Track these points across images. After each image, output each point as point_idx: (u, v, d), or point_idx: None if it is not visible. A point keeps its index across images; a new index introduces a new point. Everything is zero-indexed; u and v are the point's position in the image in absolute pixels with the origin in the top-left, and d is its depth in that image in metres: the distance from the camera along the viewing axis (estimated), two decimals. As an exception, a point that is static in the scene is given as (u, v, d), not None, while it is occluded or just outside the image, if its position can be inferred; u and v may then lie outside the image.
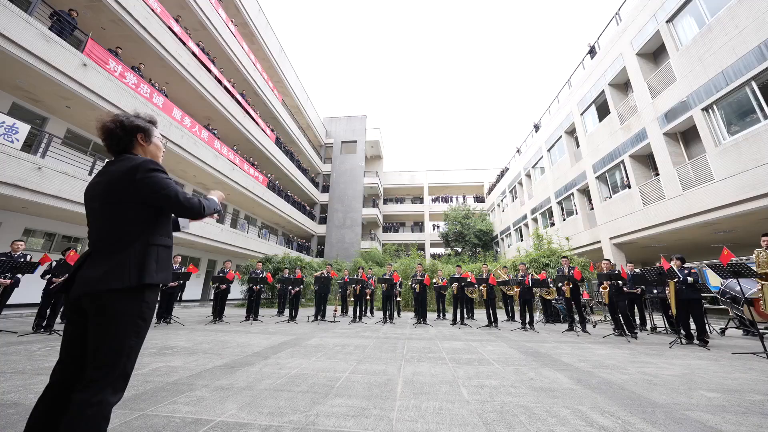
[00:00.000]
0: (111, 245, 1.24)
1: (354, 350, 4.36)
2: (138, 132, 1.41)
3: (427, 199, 32.74)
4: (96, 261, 1.23)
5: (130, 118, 1.41)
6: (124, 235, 1.26)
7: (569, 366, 3.51)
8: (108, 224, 1.26)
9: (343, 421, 1.97)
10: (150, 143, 1.46)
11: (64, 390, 1.16)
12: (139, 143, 1.42)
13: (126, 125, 1.38)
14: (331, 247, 27.05)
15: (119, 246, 1.24)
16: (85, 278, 1.19)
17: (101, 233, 1.27)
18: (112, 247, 1.24)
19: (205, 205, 1.42)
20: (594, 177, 13.16)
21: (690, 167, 8.85)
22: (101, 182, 1.30)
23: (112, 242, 1.25)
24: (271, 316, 9.68)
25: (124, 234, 1.26)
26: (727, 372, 3.32)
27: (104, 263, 1.21)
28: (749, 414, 2.17)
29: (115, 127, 1.36)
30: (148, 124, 1.46)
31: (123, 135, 1.37)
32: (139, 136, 1.41)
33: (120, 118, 1.39)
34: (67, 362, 1.20)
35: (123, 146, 1.38)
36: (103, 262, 1.21)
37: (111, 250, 1.24)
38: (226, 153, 14.73)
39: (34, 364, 3.20)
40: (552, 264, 11.73)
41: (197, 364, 3.34)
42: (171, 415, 2.00)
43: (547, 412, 2.16)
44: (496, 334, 6.17)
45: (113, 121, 1.37)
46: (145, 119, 1.48)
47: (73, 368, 1.19)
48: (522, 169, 21.26)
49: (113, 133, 1.36)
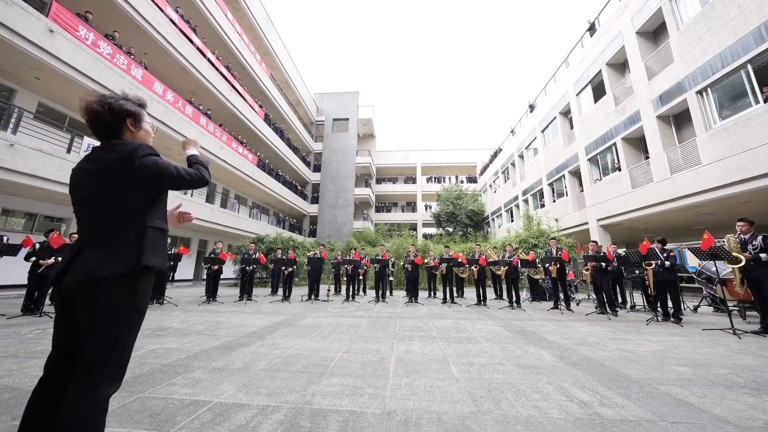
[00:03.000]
0: (106, 235, 1.20)
1: (347, 329, 4.48)
2: (127, 117, 1.32)
3: (420, 179, 32.62)
4: (90, 251, 1.19)
5: (118, 100, 1.31)
6: (120, 223, 1.22)
7: (553, 344, 3.69)
8: (102, 213, 1.21)
9: (338, 400, 2.05)
10: (140, 129, 1.38)
11: (59, 381, 1.15)
12: (128, 128, 1.34)
13: (114, 108, 1.29)
14: (323, 226, 27.03)
15: (115, 234, 1.21)
16: (79, 268, 1.15)
17: (95, 223, 1.22)
18: (108, 236, 1.20)
19: (203, 172, 1.39)
20: (586, 159, 13.25)
21: (679, 151, 8.97)
22: (92, 170, 1.23)
23: (107, 231, 1.21)
24: (265, 295, 9.79)
25: (120, 222, 1.22)
26: (696, 347, 3.55)
27: (99, 252, 1.18)
28: (714, 386, 2.35)
29: (102, 110, 1.27)
30: (138, 108, 1.38)
31: (111, 119, 1.29)
32: (129, 121, 1.33)
33: (107, 99, 1.29)
34: (60, 354, 1.19)
35: (111, 131, 1.30)
36: (97, 252, 1.18)
37: (106, 240, 1.20)
38: (212, 130, 14.20)
39: (27, 347, 3.19)
40: (540, 245, 12.03)
41: (192, 346, 3.39)
42: (169, 396, 2.04)
43: (532, 388, 2.29)
44: (485, 313, 6.40)
45: (100, 103, 1.27)
46: (135, 102, 1.38)
47: (67, 360, 1.18)
48: (515, 150, 21.23)
49: (100, 116, 1.27)
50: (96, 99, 1.29)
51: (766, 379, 2.52)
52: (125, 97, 1.38)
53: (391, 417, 1.83)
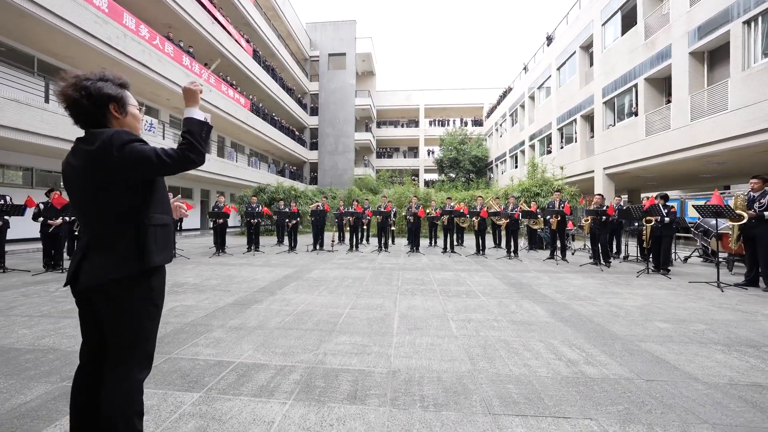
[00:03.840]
0: (106, 236, 1.18)
1: (353, 283, 4.75)
2: (110, 102, 1.18)
3: (422, 123, 31.11)
4: (95, 253, 1.18)
5: (96, 83, 1.16)
6: (118, 223, 1.18)
7: (546, 298, 3.94)
8: (97, 214, 1.17)
9: (347, 359, 2.27)
10: (126, 114, 1.24)
11: (95, 368, 1.26)
12: (113, 115, 1.20)
13: (93, 94, 1.14)
14: (324, 173, 26.72)
15: (115, 235, 1.18)
16: (87, 272, 1.17)
17: (93, 224, 1.19)
18: (108, 238, 1.18)
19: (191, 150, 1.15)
20: (602, 101, 12.39)
21: (706, 94, 8.30)
22: (77, 167, 1.14)
23: (107, 233, 1.18)
24: (272, 245, 10.17)
25: (117, 222, 1.18)
26: (680, 302, 3.79)
27: (103, 254, 1.17)
28: (690, 343, 2.56)
29: (80, 96, 1.13)
30: (120, 90, 1.22)
31: (92, 107, 1.16)
32: (112, 106, 1.19)
33: (84, 83, 1.14)
34: (90, 344, 1.27)
35: (93, 120, 1.18)
36: (102, 253, 1.17)
37: (108, 240, 1.18)
38: (198, 71, 13.05)
39: (58, 306, 3.44)
40: (543, 194, 12.00)
41: (209, 303, 3.64)
42: (195, 357, 2.26)
43: (524, 346, 2.51)
44: (483, 263, 6.70)
45: (75, 88, 1.13)
46: (115, 82, 1.22)
47: (97, 349, 1.27)
48: (526, 90, 19.74)
49: (78, 104, 1.14)
50: (71, 83, 1.14)
51: (739, 336, 2.74)
52: (103, 77, 1.21)
53: (396, 376, 2.04)
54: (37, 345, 2.45)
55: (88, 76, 1.18)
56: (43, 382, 1.92)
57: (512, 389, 1.88)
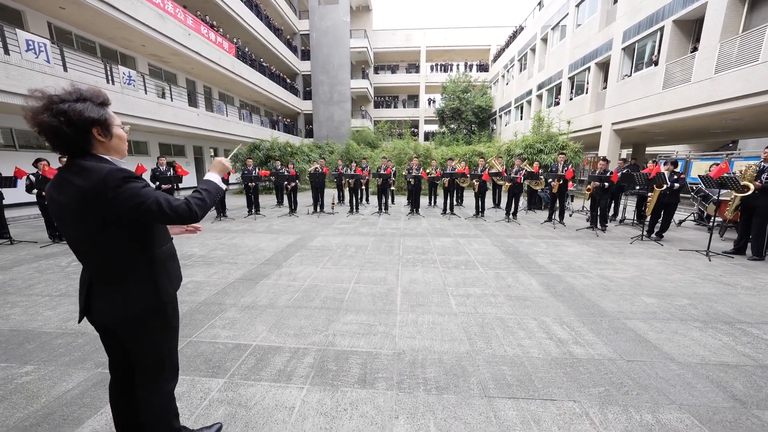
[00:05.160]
0: (112, 273, 1.17)
1: (355, 252, 4.90)
2: (93, 126, 1.07)
3: (423, 67, 28.81)
4: (103, 289, 1.18)
5: (74, 106, 1.02)
6: (122, 259, 1.16)
7: (542, 269, 4.11)
8: (96, 250, 1.14)
9: (355, 340, 2.46)
10: (111, 137, 1.13)
11: (126, 383, 1.37)
12: (97, 140, 1.10)
13: (74, 119, 1.02)
14: (319, 126, 25.55)
15: (121, 270, 1.17)
16: (99, 309, 1.18)
17: (95, 261, 1.16)
18: (115, 274, 1.17)
19: (197, 207, 1.16)
20: (621, 47, 11.35)
21: (738, 41, 7.57)
22: (65, 204, 1.07)
23: (113, 269, 1.16)
24: (272, 207, 10.19)
25: (120, 257, 1.16)
26: (669, 273, 3.98)
27: (112, 290, 1.17)
28: (672, 320, 2.77)
29: (59, 123, 1.00)
30: (102, 111, 1.10)
31: (74, 134, 1.04)
32: (95, 130, 1.08)
33: (60, 107, 1.01)
34: (117, 360, 1.36)
35: (77, 148, 1.08)
36: (110, 289, 1.17)
37: (113, 277, 1.17)
38: (173, 11, 11.60)
39: (73, 285, 3.58)
40: (546, 150, 11.68)
41: (218, 278, 3.79)
42: (214, 341, 2.45)
43: (519, 324, 2.71)
44: (482, 228, 6.84)
45: (52, 113, 1.00)
46: (95, 101, 1.08)
47: (124, 366, 1.36)
48: (539, 30, 17.91)
49: (59, 132, 1.02)
50: (43, 108, 1.01)
51: (717, 311, 2.94)
52: (80, 96, 1.06)
53: (401, 358, 2.24)
54: (65, 329, 2.62)
55: (62, 96, 1.04)
56: (79, 369, 2.10)
57: (506, 371, 2.09)
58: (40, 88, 1.06)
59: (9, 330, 2.59)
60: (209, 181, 1.29)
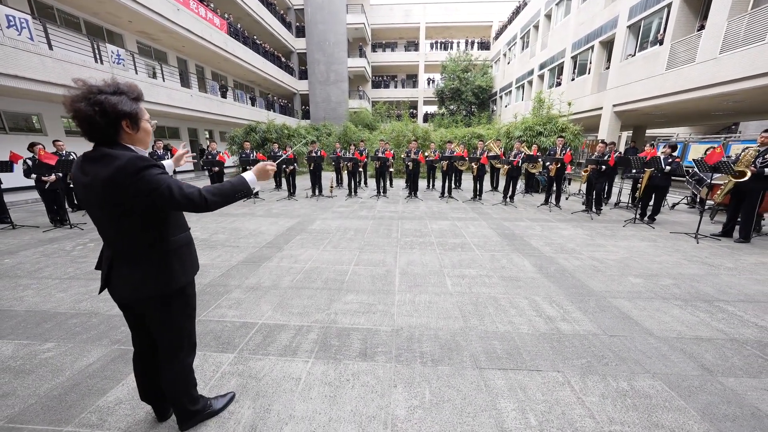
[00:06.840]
0: (133, 252, 1.26)
1: (354, 235, 5.01)
2: (123, 119, 1.16)
3: (423, 45, 27.91)
4: (123, 267, 1.27)
5: (110, 98, 1.10)
6: (140, 241, 1.25)
7: (535, 251, 4.25)
8: (120, 232, 1.23)
9: (356, 318, 2.61)
10: (138, 130, 1.23)
11: (149, 355, 1.50)
12: (124, 131, 1.19)
13: (108, 111, 1.11)
14: (316, 106, 24.96)
15: (142, 253, 1.26)
16: (123, 286, 1.29)
17: (117, 240, 1.25)
18: (135, 254, 1.26)
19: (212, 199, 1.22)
20: (626, 25, 11.05)
21: (746, 19, 7.40)
22: (89, 185, 1.17)
23: (133, 249, 1.26)
24: (271, 190, 10.20)
25: (138, 240, 1.25)
26: (657, 254, 4.13)
27: (131, 272, 1.26)
28: (655, 299, 2.93)
29: (94, 113, 1.09)
30: (134, 106, 1.19)
31: (106, 124, 1.13)
32: (125, 123, 1.17)
33: (98, 98, 1.09)
34: (140, 335, 1.48)
35: (105, 136, 1.16)
36: (130, 271, 1.27)
37: (135, 258, 1.27)
38: (161, -16, 11.05)
39: (80, 267, 3.68)
40: (546, 132, 11.60)
41: (222, 261, 3.90)
42: (222, 320, 2.58)
43: (511, 303, 2.86)
44: (479, 211, 6.94)
45: (89, 103, 1.08)
46: (130, 96, 1.18)
47: (147, 341, 1.48)
48: (543, 5, 17.28)
49: (92, 121, 1.10)
50: (83, 96, 1.09)
51: (698, 290, 3.11)
52: (118, 89, 1.15)
53: (399, 334, 2.39)
54: (78, 309, 2.74)
55: (101, 87, 1.12)
56: (97, 345, 2.24)
57: (497, 345, 2.25)
58: (82, 78, 1.14)
59: (25, 311, 2.71)
60: (241, 177, 1.36)
